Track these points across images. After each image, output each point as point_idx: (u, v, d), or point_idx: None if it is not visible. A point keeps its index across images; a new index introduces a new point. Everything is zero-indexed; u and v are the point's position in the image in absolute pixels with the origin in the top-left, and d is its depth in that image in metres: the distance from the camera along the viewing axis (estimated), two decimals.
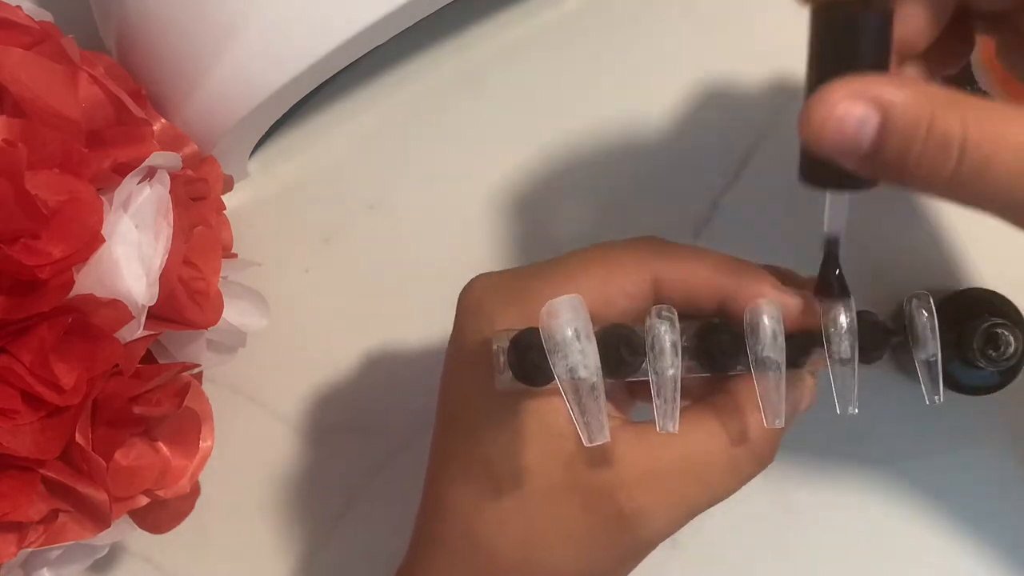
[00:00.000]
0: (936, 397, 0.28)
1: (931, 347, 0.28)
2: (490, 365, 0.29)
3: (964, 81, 0.45)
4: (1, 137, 0.31)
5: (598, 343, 0.27)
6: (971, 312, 0.42)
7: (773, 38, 0.48)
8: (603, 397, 0.26)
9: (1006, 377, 0.42)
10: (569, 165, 0.46)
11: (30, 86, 0.33)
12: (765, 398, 0.28)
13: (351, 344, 0.46)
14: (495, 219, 0.45)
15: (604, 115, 0.47)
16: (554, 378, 0.26)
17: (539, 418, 0.29)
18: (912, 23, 0.27)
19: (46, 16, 0.37)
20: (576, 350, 0.26)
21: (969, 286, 0.43)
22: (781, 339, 0.27)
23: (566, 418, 0.28)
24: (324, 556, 0.45)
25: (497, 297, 0.30)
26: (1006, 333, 0.40)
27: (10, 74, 0.32)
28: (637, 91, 0.48)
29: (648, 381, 0.28)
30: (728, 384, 0.31)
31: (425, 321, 0.44)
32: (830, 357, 0.28)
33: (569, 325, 0.26)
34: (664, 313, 0.27)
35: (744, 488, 0.45)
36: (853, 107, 0.23)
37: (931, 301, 0.29)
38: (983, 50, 0.41)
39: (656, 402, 0.28)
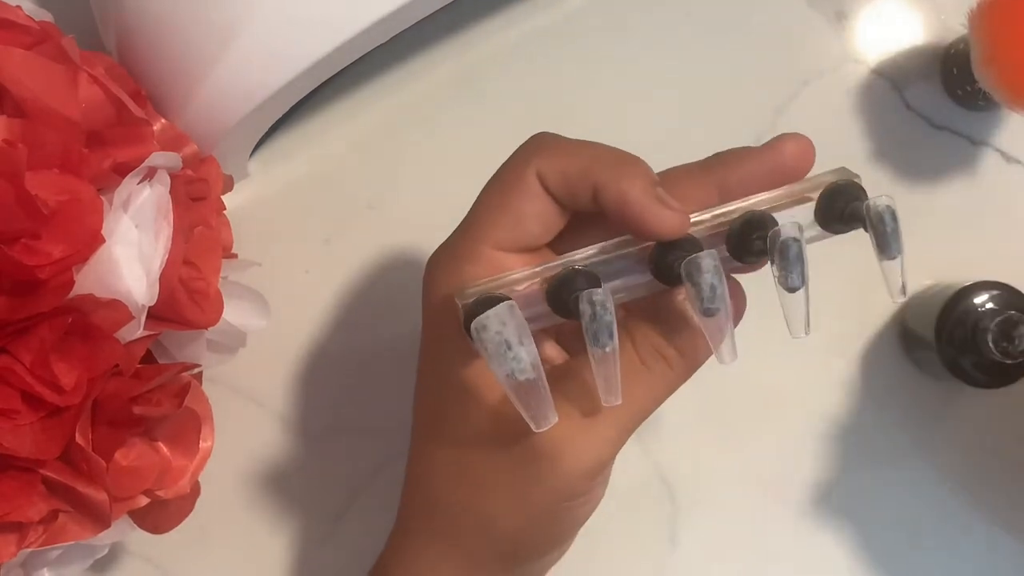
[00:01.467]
0: (902, 296, 0.28)
1: (896, 246, 0.28)
2: (437, 333, 0.32)
3: (965, 81, 0.45)
4: (1, 137, 0.31)
5: (553, 287, 0.28)
6: (983, 306, 0.42)
7: (772, 38, 0.48)
8: (544, 387, 0.27)
9: (1019, 369, 0.42)
10: None
11: (30, 86, 0.33)
12: (713, 342, 0.28)
13: (351, 344, 0.46)
14: None
15: (603, 116, 0.47)
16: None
17: (476, 373, 0.31)
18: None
19: (46, 16, 0.37)
20: (509, 358, 0.26)
21: (979, 280, 0.43)
22: (721, 289, 0.27)
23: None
24: (324, 556, 0.45)
25: (438, 266, 0.32)
26: (1021, 325, 0.40)
27: (10, 74, 0.32)
28: (637, 92, 0.48)
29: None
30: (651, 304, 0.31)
31: None
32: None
33: (499, 336, 0.26)
34: (595, 296, 0.27)
35: (743, 487, 0.45)
36: None
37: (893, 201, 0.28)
38: (983, 50, 0.41)
39: (598, 380, 0.28)
